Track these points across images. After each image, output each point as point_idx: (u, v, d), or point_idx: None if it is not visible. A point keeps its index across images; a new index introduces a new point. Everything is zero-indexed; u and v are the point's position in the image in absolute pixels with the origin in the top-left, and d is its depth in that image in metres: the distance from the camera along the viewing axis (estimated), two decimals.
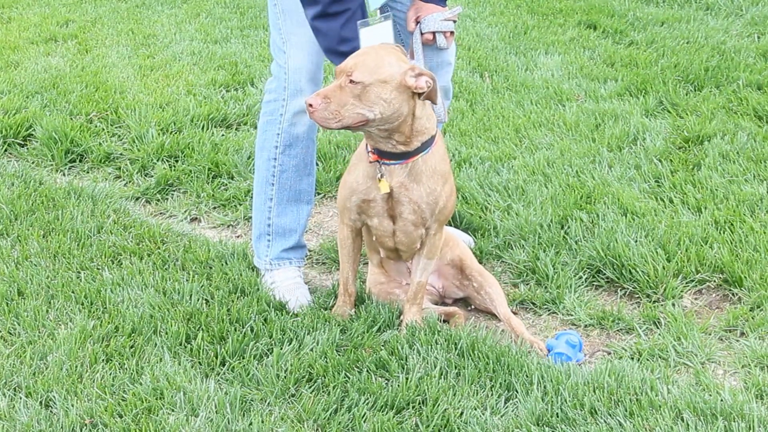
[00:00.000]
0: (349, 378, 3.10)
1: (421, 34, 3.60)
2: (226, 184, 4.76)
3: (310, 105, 3.09)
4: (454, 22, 3.63)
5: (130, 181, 4.92)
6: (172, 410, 2.95)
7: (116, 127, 5.46)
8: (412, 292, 3.49)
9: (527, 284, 3.84)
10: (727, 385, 3.11)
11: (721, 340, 3.44)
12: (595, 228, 4.07)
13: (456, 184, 4.52)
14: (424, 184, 3.30)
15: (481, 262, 3.94)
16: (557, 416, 2.91)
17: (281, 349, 3.23)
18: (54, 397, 3.01)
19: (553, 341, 3.35)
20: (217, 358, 3.22)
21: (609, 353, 3.40)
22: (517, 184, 4.53)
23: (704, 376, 3.15)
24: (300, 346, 3.26)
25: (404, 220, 3.36)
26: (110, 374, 3.13)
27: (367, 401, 2.98)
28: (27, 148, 5.30)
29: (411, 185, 3.29)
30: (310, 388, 3.07)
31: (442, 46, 3.65)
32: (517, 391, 3.03)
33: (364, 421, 2.91)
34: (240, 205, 4.55)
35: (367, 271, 3.77)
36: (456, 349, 3.24)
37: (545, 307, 3.69)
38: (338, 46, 3.34)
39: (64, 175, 5.03)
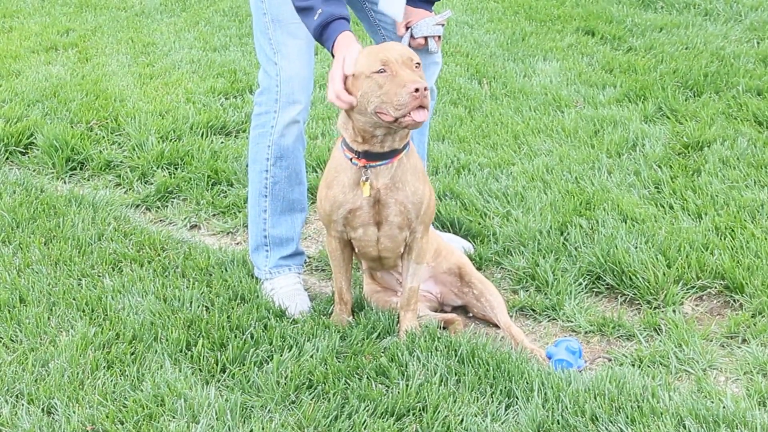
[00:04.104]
0: (349, 385, 3.10)
1: (412, 38, 3.61)
2: (226, 192, 4.76)
3: (425, 88, 3.01)
4: (443, 26, 3.64)
5: (130, 189, 4.92)
6: (173, 417, 2.95)
7: (116, 135, 5.47)
8: (405, 298, 3.48)
9: (527, 291, 3.84)
10: (729, 392, 3.10)
11: (723, 346, 3.44)
12: (595, 234, 4.07)
13: (455, 190, 4.54)
14: (409, 183, 3.30)
15: (480, 269, 3.94)
16: (558, 423, 2.91)
17: (281, 355, 3.23)
18: (56, 403, 3.01)
19: (553, 348, 3.34)
20: (217, 364, 3.22)
21: (610, 360, 3.39)
22: (516, 190, 4.53)
23: (706, 383, 3.15)
24: (300, 352, 3.26)
25: (390, 224, 3.35)
26: (111, 381, 3.13)
27: (367, 408, 2.98)
28: (28, 156, 5.30)
29: (396, 185, 3.29)
30: (310, 394, 3.06)
31: (433, 51, 3.67)
32: (517, 398, 3.03)
33: (365, 428, 2.91)
34: (239, 212, 4.55)
35: (364, 278, 3.78)
36: (456, 355, 3.23)
37: (545, 313, 3.69)
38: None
39: (64, 182, 5.03)
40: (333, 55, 3.24)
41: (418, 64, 3.15)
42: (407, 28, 3.64)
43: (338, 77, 3.15)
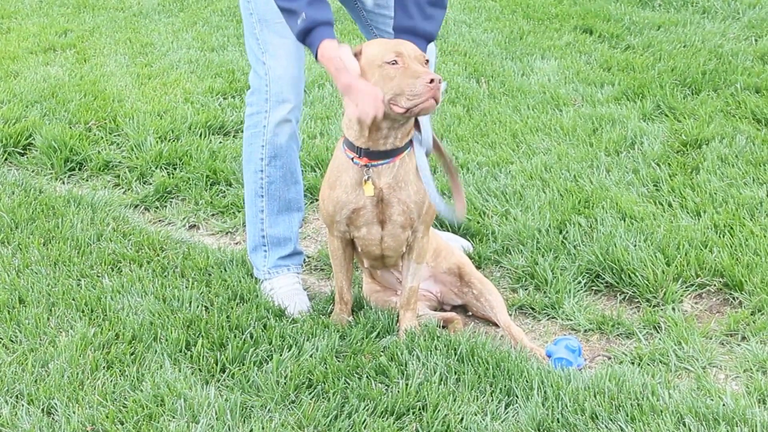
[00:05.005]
0: (349, 384, 3.10)
1: None
2: (224, 191, 4.76)
3: (440, 80, 3.03)
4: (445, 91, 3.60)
5: (129, 189, 4.92)
6: (173, 417, 2.95)
7: (115, 136, 5.47)
8: (404, 297, 3.49)
9: (526, 289, 3.84)
10: (729, 389, 3.11)
11: (722, 344, 3.44)
12: (594, 232, 4.07)
13: None
14: (412, 183, 3.30)
15: (479, 268, 3.95)
16: (558, 422, 2.91)
17: (281, 355, 3.23)
18: (55, 404, 3.01)
19: (553, 347, 3.34)
20: (217, 364, 3.22)
21: (609, 358, 3.39)
22: (514, 189, 4.53)
23: (706, 381, 3.15)
24: (299, 352, 3.26)
25: (393, 223, 3.35)
26: (111, 381, 3.13)
27: (367, 407, 2.98)
28: (27, 157, 5.30)
29: (399, 185, 3.29)
30: (310, 394, 3.06)
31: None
32: (517, 397, 3.03)
33: (365, 428, 2.91)
34: (238, 212, 4.55)
35: (363, 278, 3.78)
36: (455, 354, 3.23)
37: (544, 312, 3.69)
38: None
39: (63, 183, 5.03)
40: (316, 58, 3.25)
41: (427, 61, 3.16)
42: None
43: (354, 78, 3.15)
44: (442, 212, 3.39)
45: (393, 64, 3.10)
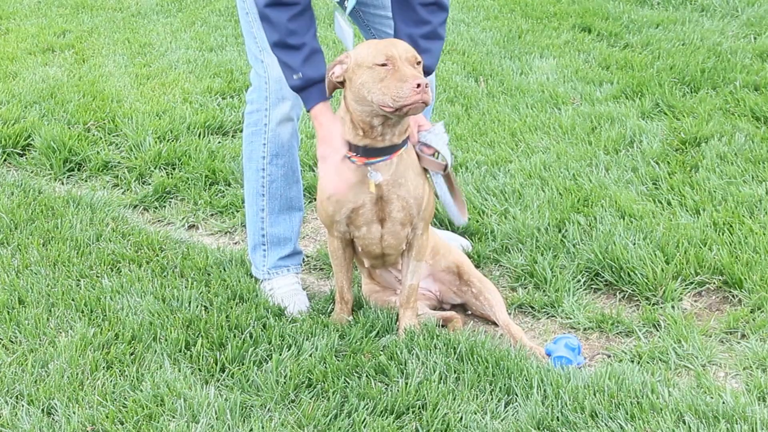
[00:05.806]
0: (348, 383, 3.10)
1: (426, 146, 3.46)
2: (223, 191, 4.76)
3: (427, 84, 3.04)
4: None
5: (128, 189, 4.92)
6: (173, 417, 2.95)
7: (114, 136, 5.47)
8: (404, 296, 3.49)
9: (525, 288, 3.84)
10: (729, 387, 3.10)
11: (722, 342, 3.44)
12: (593, 231, 4.07)
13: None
14: (410, 179, 3.31)
15: (478, 267, 3.95)
16: (558, 420, 2.91)
17: (280, 354, 3.23)
18: (55, 404, 3.01)
19: (552, 345, 3.34)
20: (216, 364, 3.22)
21: (609, 356, 3.40)
22: (513, 187, 4.53)
23: (705, 379, 3.15)
24: (299, 351, 3.26)
25: (393, 220, 3.36)
26: (111, 381, 3.13)
27: (366, 406, 2.98)
28: (26, 158, 5.30)
29: (398, 181, 3.29)
30: (309, 393, 3.06)
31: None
32: (517, 395, 3.03)
33: (364, 427, 2.91)
34: (237, 212, 4.55)
35: (362, 278, 3.78)
36: (455, 353, 3.23)
37: (544, 310, 3.69)
38: (287, 38, 3.25)
39: (62, 183, 5.03)
40: (308, 111, 3.30)
41: (419, 62, 3.16)
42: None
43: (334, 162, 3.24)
44: (455, 219, 3.51)
45: (383, 66, 3.10)
